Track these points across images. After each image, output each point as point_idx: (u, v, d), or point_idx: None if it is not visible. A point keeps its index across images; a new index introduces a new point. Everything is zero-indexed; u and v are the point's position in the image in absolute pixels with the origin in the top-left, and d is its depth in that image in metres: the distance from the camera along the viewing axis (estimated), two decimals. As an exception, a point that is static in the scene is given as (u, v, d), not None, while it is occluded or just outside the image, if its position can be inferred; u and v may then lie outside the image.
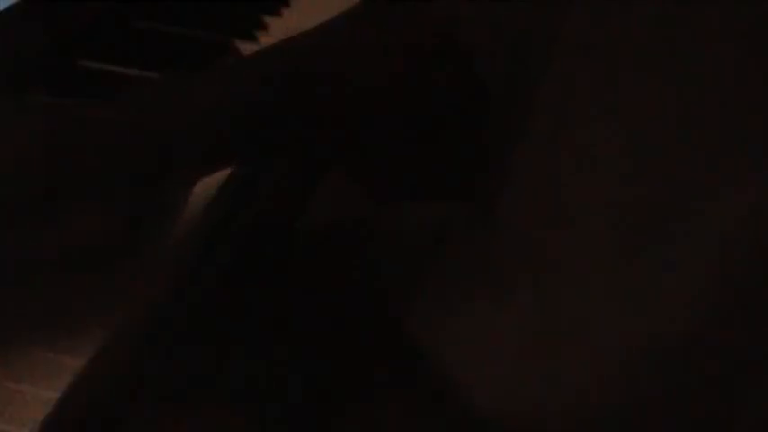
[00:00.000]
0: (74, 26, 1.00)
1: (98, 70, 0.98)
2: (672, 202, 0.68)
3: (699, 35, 0.68)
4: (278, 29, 1.07)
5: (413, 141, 0.85)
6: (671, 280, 0.68)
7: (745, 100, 0.67)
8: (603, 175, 0.70)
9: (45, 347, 0.69)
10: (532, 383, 0.71)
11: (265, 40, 1.05)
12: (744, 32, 0.67)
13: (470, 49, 0.79)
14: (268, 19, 1.08)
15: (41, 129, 0.71)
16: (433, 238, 0.82)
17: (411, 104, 0.80)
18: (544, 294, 0.71)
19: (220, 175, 0.84)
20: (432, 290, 0.78)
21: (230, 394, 0.80)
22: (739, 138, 0.67)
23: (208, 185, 0.83)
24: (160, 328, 0.78)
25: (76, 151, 0.71)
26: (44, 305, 0.71)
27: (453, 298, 0.76)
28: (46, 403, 0.66)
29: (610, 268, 0.69)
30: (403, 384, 0.78)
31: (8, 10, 0.91)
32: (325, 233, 0.90)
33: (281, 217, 0.96)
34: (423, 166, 0.87)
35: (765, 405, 0.69)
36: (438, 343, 0.75)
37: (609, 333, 0.69)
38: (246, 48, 1.02)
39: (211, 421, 0.79)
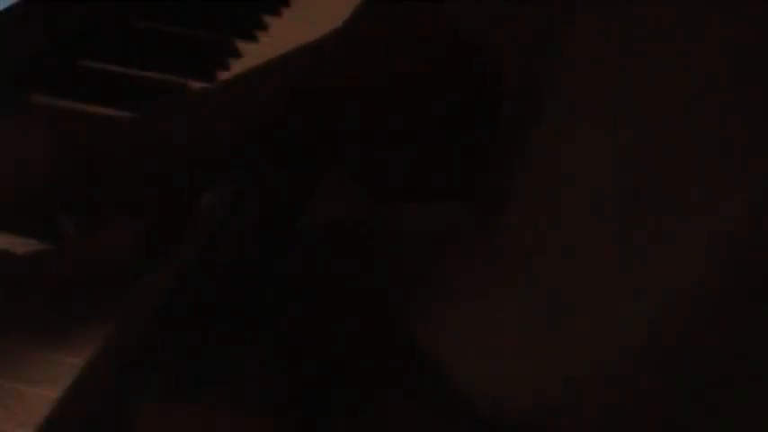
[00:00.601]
0: (74, 26, 1.00)
1: (98, 70, 0.98)
2: (672, 202, 0.68)
3: (699, 35, 0.68)
4: (278, 29, 1.07)
5: (414, 141, 0.85)
6: (671, 279, 0.68)
7: (745, 100, 0.67)
8: (604, 175, 0.70)
9: (45, 347, 0.69)
10: (533, 382, 0.71)
11: (265, 40, 1.05)
12: (744, 32, 0.67)
13: (479, 49, 0.79)
14: (268, 19, 1.08)
15: (50, 135, 0.71)
16: (433, 237, 0.82)
17: (419, 104, 0.80)
18: (544, 293, 0.71)
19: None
20: (432, 290, 0.78)
21: (230, 394, 0.80)
22: (738, 137, 0.67)
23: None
24: (160, 328, 0.78)
25: (77, 152, 0.71)
26: (44, 305, 0.71)
27: (453, 297, 0.76)
28: (46, 403, 0.66)
29: (610, 267, 0.69)
30: (403, 384, 0.78)
31: (8, 10, 0.91)
32: (325, 233, 0.90)
33: (281, 217, 0.96)
34: (423, 166, 0.87)
35: (765, 405, 0.69)
36: (438, 343, 0.75)
37: (609, 332, 0.69)
38: (246, 48, 1.02)
39: (211, 421, 0.79)
